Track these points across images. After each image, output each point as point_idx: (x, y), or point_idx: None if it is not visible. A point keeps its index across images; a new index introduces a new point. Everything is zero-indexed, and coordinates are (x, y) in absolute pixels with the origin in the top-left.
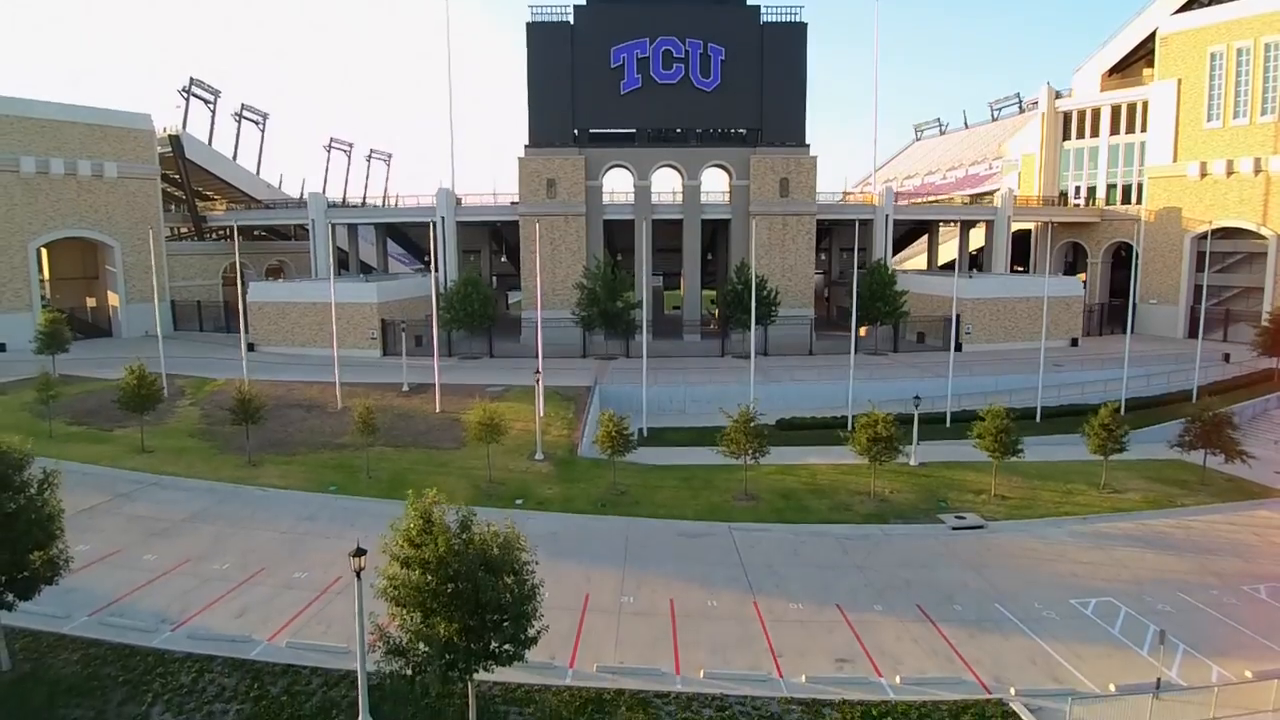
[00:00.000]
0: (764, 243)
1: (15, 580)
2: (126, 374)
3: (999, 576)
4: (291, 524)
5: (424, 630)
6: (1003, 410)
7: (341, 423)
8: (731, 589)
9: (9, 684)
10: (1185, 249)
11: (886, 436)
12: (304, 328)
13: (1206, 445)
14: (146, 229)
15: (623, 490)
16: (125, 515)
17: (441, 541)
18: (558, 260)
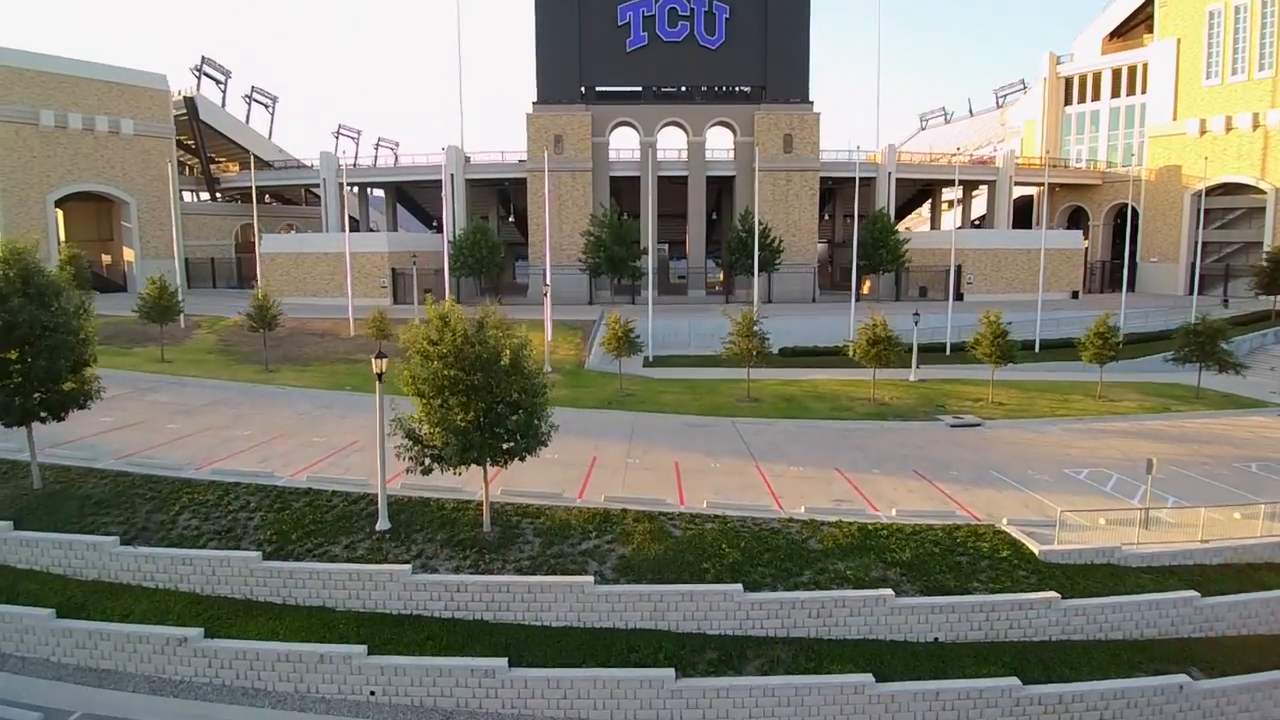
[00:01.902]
0: (768, 199)
1: (49, 397)
2: (148, 284)
3: (995, 455)
4: (309, 409)
5: (443, 418)
6: (999, 315)
7: (355, 345)
8: (734, 457)
9: (40, 497)
10: (1185, 206)
11: (885, 338)
12: (316, 278)
13: (1201, 358)
14: (161, 186)
15: (629, 393)
16: (147, 401)
17: (459, 331)
18: (564, 216)
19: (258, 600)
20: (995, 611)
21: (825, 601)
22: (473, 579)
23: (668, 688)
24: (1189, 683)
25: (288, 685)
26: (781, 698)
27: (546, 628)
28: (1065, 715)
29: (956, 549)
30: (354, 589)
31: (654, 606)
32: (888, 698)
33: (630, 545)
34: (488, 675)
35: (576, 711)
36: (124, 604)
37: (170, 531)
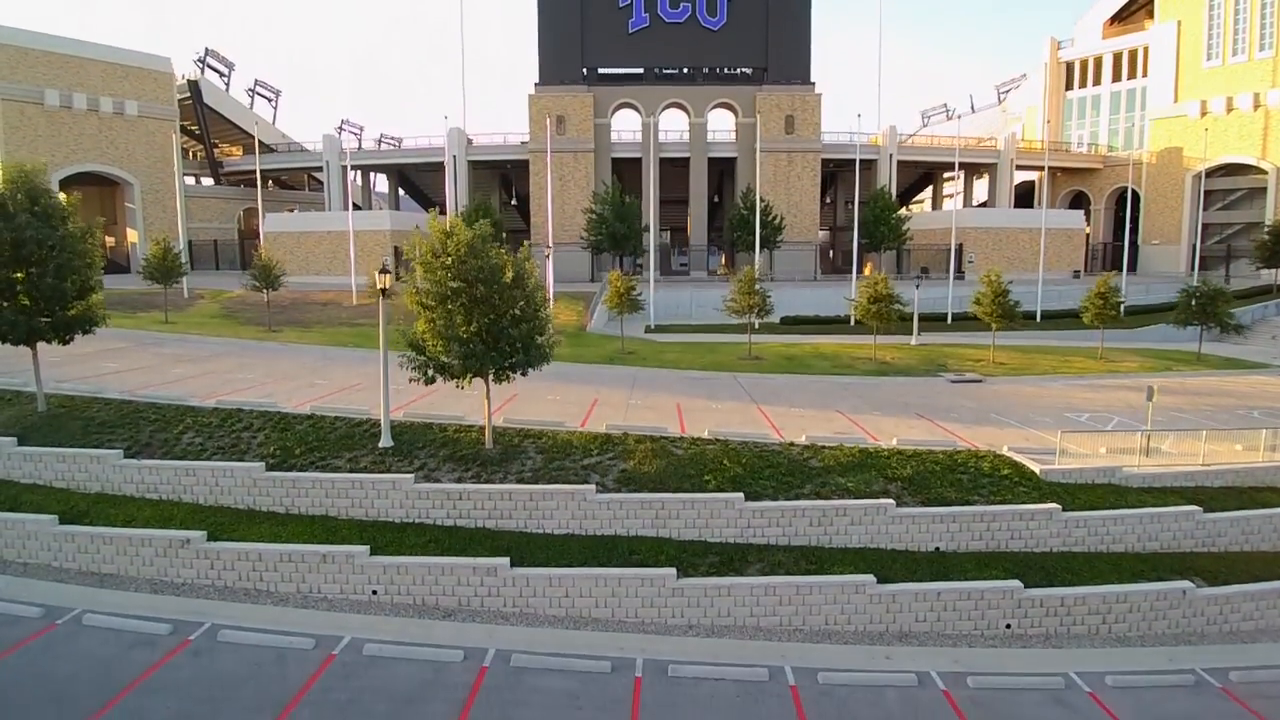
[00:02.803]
0: (769, 179)
1: (56, 318)
2: (151, 246)
3: (996, 403)
4: (312, 361)
5: (446, 329)
6: (999, 272)
7: (357, 312)
8: (735, 401)
9: (44, 419)
10: (1186, 188)
11: (887, 295)
12: (318, 257)
13: (1203, 319)
14: (164, 168)
15: (630, 351)
16: (151, 352)
17: (462, 241)
18: (567, 197)
19: (260, 510)
20: (996, 521)
21: (826, 510)
22: (475, 487)
23: (669, 586)
24: (1192, 589)
25: (290, 586)
26: (783, 596)
27: (548, 535)
28: (1067, 618)
29: (957, 468)
30: (356, 498)
31: (655, 514)
32: (889, 597)
33: (632, 461)
34: (490, 574)
35: (578, 610)
36: (126, 512)
37: (174, 448)
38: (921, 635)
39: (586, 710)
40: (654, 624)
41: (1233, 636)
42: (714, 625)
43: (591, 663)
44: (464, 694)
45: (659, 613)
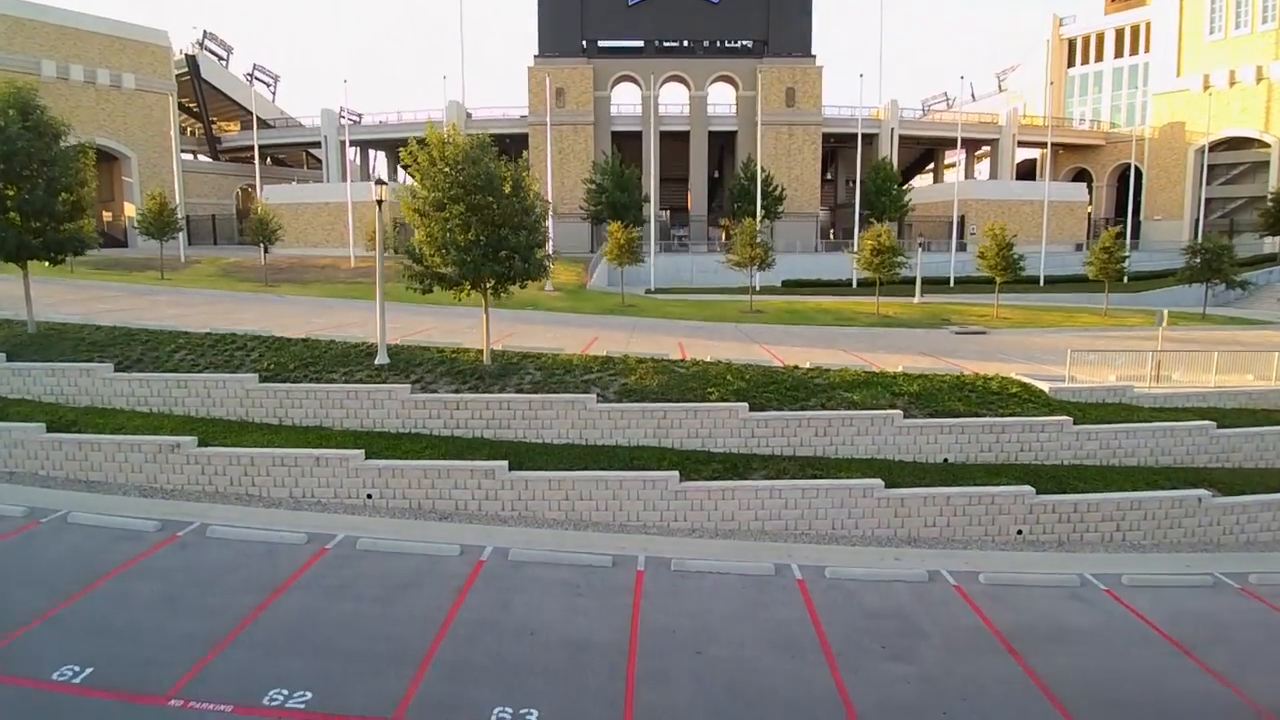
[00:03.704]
0: (770, 152)
1: (47, 235)
2: (146, 200)
3: (1001, 349)
4: (309, 308)
5: (444, 235)
6: (1004, 226)
7: (355, 273)
8: (738, 343)
9: (34, 338)
10: (1189, 163)
11: (890, 246)
12: (316, 229)
13: (1209, 276)
14: (162, 142)
15: (631, 305)
16: (146, 300)
17: (460, 144)
18: (566, 170)
19: (253, 421)
20: (1006, 433)
21: (832, 420)
22: (472, 396)
23: (671, 488)
24: (1208, 496)
25: (282, 490)
26: (788, 499)
27: (547, 444)
28: (1080, 524)
29: (965, 387)
30: (351, 408)
31: (657, 424)
32: (897, 501)
33: (633, 377)
34: (488, 476)
35: (579, 513)
36: (116, 423)
37: (164, 365)
38: (931, 540)
39: (587, 596)
40: (656, 527)
41: (1250, 546)
42: (718, 529)
43: (592, 557)
44: (460, 582)
45: (661, 516)
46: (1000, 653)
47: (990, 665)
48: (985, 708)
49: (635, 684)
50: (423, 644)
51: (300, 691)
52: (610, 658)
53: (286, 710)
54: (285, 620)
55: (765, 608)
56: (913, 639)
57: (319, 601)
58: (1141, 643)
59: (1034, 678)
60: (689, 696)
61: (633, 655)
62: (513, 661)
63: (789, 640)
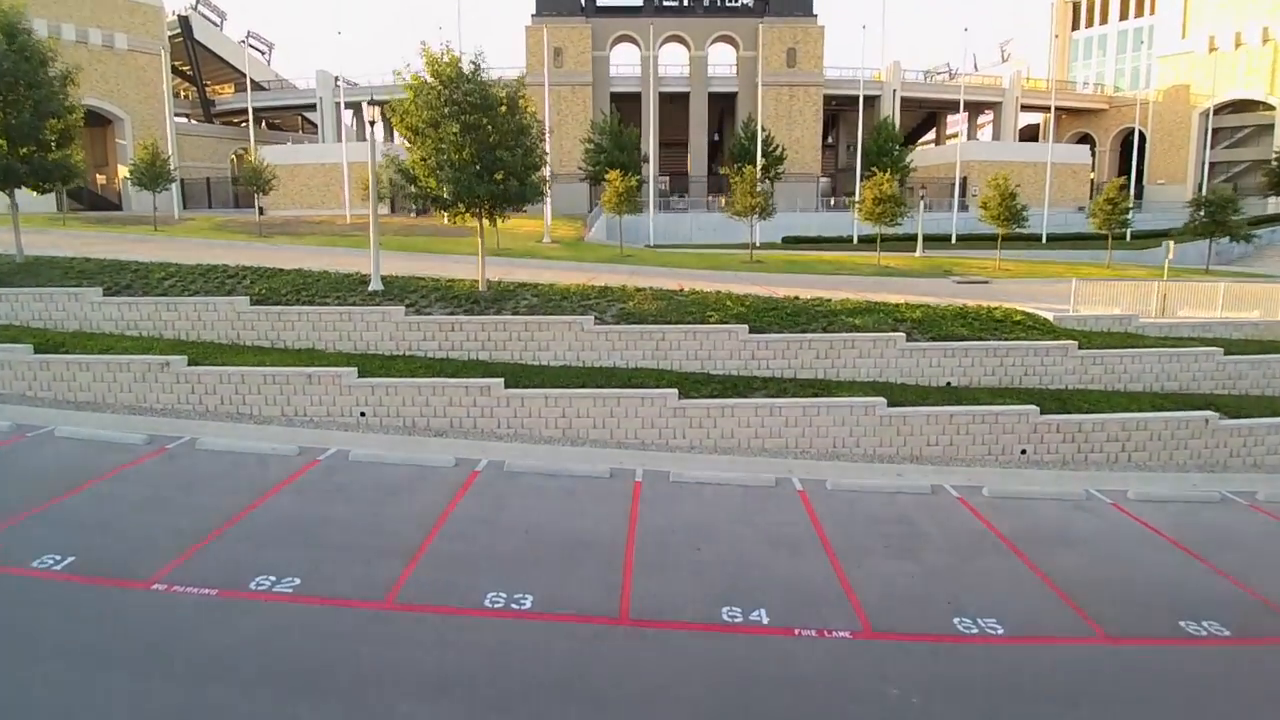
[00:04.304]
0: (771, 114)
1: (34, 163)
2: (138, 150)
3: (1003, 293)
4: (303, 254)
5: (438, 154)
6: (1006, 176)
7: (351, 227)
8: (738, 284)
9: (21, 266)
10: (1193, 126)
11: (891, 196)
12: (312, 190)
13: (1212, 230)
14: (155, 105)
15: (630, 255)
16: (139, 248)
17: (453, 62)
18: (564, 132)
19: (245, 344)
20: (1010, 357)
21: (834, 342)
22: (468, 318)
23: (670, 405)
24: (1215, 417)
25: (274, 409)
26: (789, 417)
27: (544, 366)
28: (1085, 444)
29: (968, 315)
30: (345, 330)
31: (655, 345)
32: (899, 419)
33: (631, 302)
34: (483, 393)
35: (575, 431)
36: (104, 345)
37: (154, 290)
38: (934, 458)
39: (584, 501)
40: (655, 444)
41: (1257, 468)
42: (717, 446)
43: (589, 469)
44: (453, 488)
45: (660, 434)
46: (1005, 553)
47: (995, 563)
48: (991, 598)
49: (633, 574)
50: (415, 539)
51: (288, 578)
52: (607, 553)
53: (274, 594)
54: (274, 518)
55: (765, 513)
56: (915, 540)
57: (310, 503)
58: (1149, 547)
59: (1040, 573)
60: (687, 586)
61: (630, 551)
62: (507, 554)
63: (789, 540)
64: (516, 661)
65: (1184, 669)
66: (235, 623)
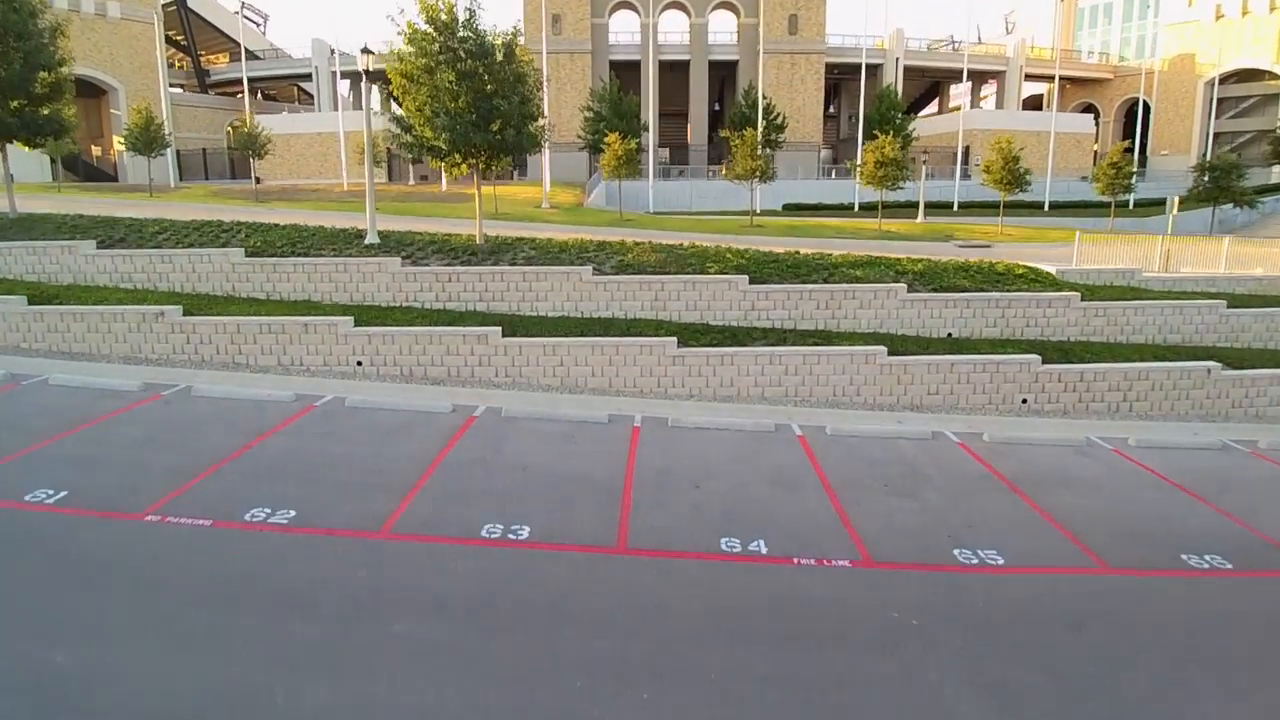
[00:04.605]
0: (772, 82)
1: (25, 117)
2: (131, 114)
3: (1007, 254)
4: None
5: (434, 102)
6: (1010, 139)
7: (348, 194)
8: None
9: (13, 221)
10: (1198, 96)
11: (893, 159)
12: (309, 159)
13: (1216, 195)
14: (149, 74)
15: (630, 219)
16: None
17: (448, 6)
18: (563, 101)
19: (240, 296)
20: (1012, 308)
21: (835, 293)
22: (465, 269)
23: (669, 353)
24: (1218, 368)
25: (270, 358)
26: (789, 365)
27: (542, 317)
28: (1086, 394)
29: (970, 269)
30: (341, 281)
31: (654, 295)
32: (900, 368)
33: (630, 255)
34: (480, 341)
35: (573, 380)
36: (98, 297)
37: (148, 244)
38: (934, 407)
39: (581, 444)
40: (654, 392)
41: (1259, 419)
42: (716, 394)
43: (588, 415)
44: (451, 432)
45: (659, 382)
46: (1005, 492)
47: (995, 501)
48: (991, 532)
49: (630, 508)
50: (411, 476)
51: (283, 510)
52: (605, 489)
53: (268, 525)
54: (270, 457)
55: (764, 455)
56: (916, 481)
57: (306, 444)
58: (1151, 488)
59: (1040, 511)
60: (686, 519)
61: (628, 488)
62: (504, 490)
63: (788, 478)
64: (513, 586)
65: (1187, 598)
66: (228, 549)
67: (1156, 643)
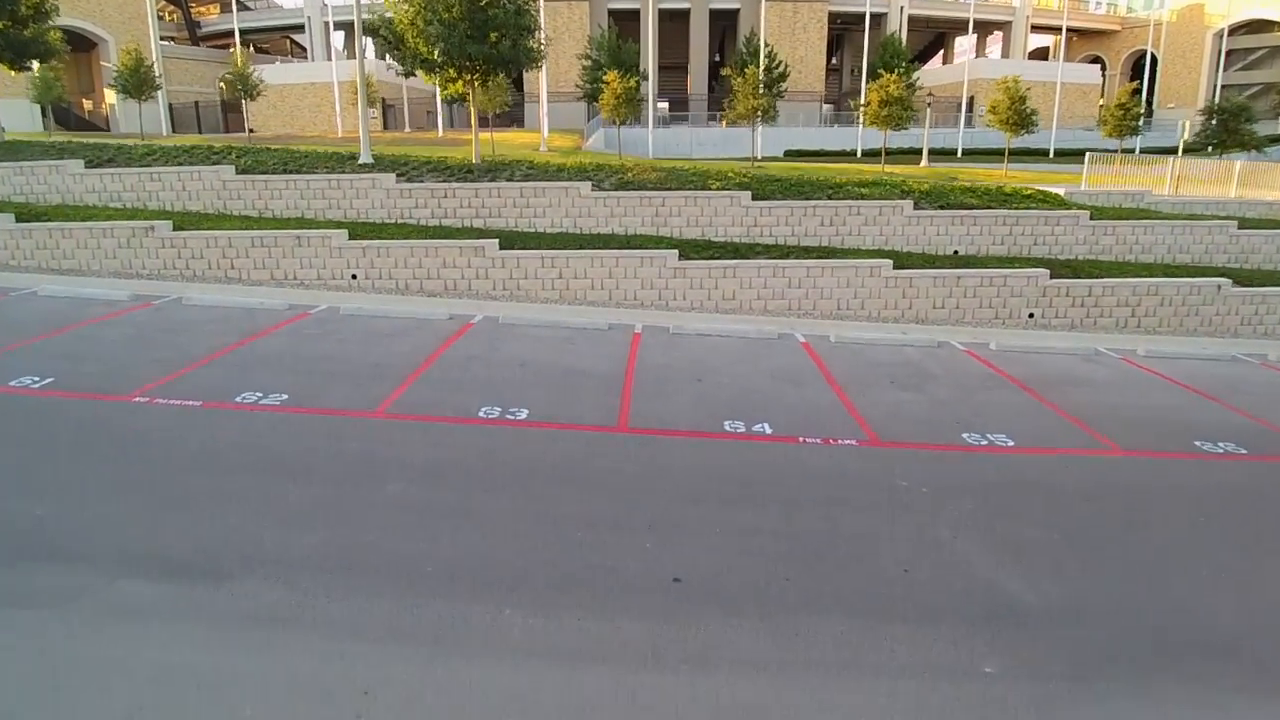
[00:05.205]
0: (774, 30)
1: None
2: (121, 55)
3: None
4: None
5: (427, 11)
6: (1018, 79)
7: (341, 142)
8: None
9: (1, 145)
10: (1206, 47)
11: (899, 98)
12: (302, 110)
13: (1224, 141)
14: (140, 25)
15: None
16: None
17: None
18: (560, 50)
19: (231, 214)
20: (1020, 225)
21: (839, 209)
22: (461, 185)
23: (670, 265)
24: (1228, 284)
25: (263, 272)
26: (792, 278)
27: (540, 233)
28: (1094, 309)
29: (977, 190)
30: (334, 198)
31: (655, 211)
32: (905, 281)
33: (629, 173)
34: (478, 254)
35: (573, 293)
36: (87, 215)
37: (136, 164)
38: (939, 320)
39: (581, 345)
40: (654, 305)
41: (1269, 336)
42: (718, 307)
43: (587, 320)
44: (448, 334)
45: (659, 295)
46: (1013, 389)
47: (1003, 395)
48: (1001, 420)
49: (631, 397)
50: (406, 369)
51: (275, 394)
52: (605, 381)
53: (260, 405)
54: (262, 353)
55: (767, 357)
56: (922, 378)
57: (300, 343)
58: (1162, 390)
59: (1050, 404)
60: (689, 407)
61: (629, 381)
62: (502, 381)
63: (793, 375)
64: (511, 455)
65: (1201, 475)
66: (219, 425)
67: (1171, 510)
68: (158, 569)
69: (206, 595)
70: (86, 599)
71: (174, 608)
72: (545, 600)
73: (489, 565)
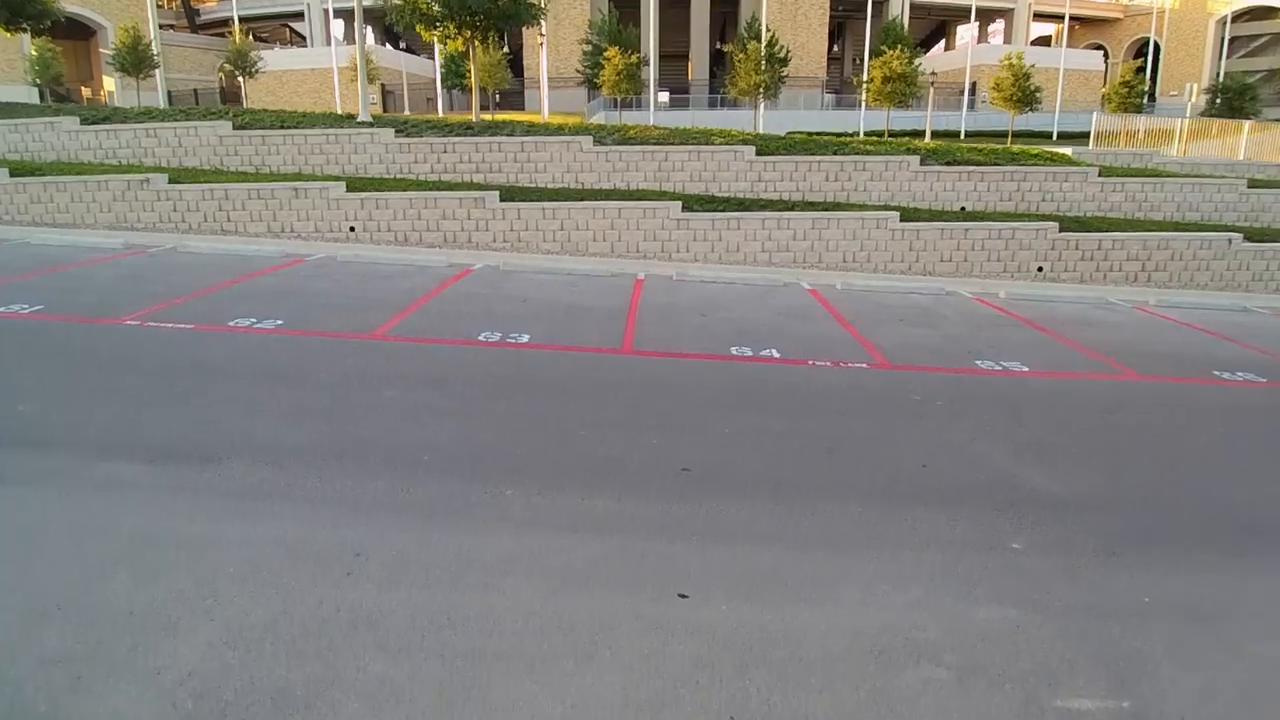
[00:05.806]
0: (776, 16)
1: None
2: (119, 33)
3: None
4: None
5: None
6: (1021, 54)
7: None
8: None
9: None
10: (1209, 34)
11: (902, 74)
12: (302, 96)
13: (1229, 114)
14: (138, 12)
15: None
16: None
17: None
18: (561, 36)
19: (228, 170)
20: (1028, 181)
21: (845, 164)
22: (461, 139)
23: (674, 217)
24: (1239, 239)
25: (260, 225)
26: (797, 230)
27: (541, 188)
28: (1104, 263)
29: (984, 149)
30: (333, 154)
31: (658, 166)
32: (912, 234)
33: (631, 131)
34: (478, 205)
35: (574, 245)
36: (82, 170)
37: (132, 121)
38: (947, 274)
39: (583, 287)
40: (657, 256)
41: (1279, 292)
42: (722, 260)
43: (589, 267)
44: (447, 276)
45: (663, 246)
46: (1027, 328)
47: (1015, 333)
48: (1015, 352)
49: (635, 326)
50: (406, 301)
51: (270, 319)
52: (609, 314)
53: (254, 329)
54: (258, 289)
55: (773, 299)
56: (931, 318)
57: (296, 281)
58: (1176, 331)
59: (1063, 339)
60: (694, 335)
61: (633, 315)
62: (503, 314)
63: (800, 313)
64: (512, 370)
65: (1222, 400)
66: (212, 344)
67: (1192, 423)
68: (142, 454)
69: (191, 474)
70: (67, 478)
71: (156, 483)
72: (548, 484)
73: (490, 455)
